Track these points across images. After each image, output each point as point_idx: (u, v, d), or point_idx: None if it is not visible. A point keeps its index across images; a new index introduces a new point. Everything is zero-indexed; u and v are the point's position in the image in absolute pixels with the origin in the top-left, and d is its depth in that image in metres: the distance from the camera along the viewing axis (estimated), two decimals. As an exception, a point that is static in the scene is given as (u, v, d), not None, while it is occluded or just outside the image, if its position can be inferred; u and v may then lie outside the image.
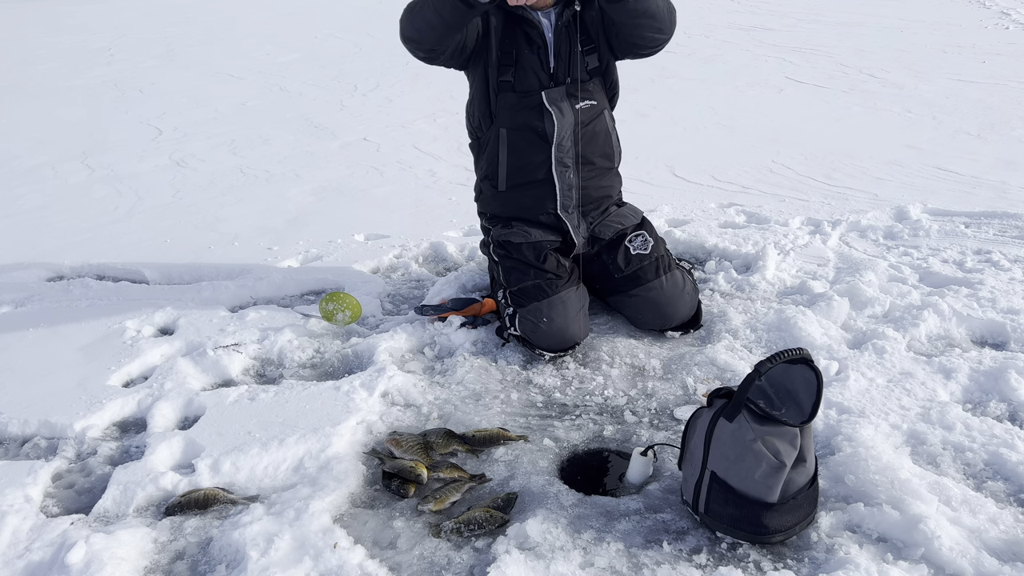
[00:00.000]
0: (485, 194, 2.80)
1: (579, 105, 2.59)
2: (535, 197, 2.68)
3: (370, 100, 6.62)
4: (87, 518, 1.89)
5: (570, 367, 2.50)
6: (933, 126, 5.26)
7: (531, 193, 2.68)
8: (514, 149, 2.62)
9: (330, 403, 2.29)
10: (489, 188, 2.75)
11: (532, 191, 2.67)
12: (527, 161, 2.63)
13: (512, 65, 2.54)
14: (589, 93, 2.61)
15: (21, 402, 2.36)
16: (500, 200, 2.73)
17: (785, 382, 1.73)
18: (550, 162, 2.61)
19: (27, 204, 4.34)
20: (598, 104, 2.65)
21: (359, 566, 1.69)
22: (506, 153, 2.64)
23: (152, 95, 7.12)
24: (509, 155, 2.63)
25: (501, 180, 2.67)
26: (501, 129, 2.62)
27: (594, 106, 2.64)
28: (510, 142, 2.61)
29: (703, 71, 7.01)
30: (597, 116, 2.66)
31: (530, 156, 2.61)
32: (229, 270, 3.32)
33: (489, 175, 2.72)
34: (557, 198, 2.67)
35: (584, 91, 2.59)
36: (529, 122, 2.59)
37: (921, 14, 9.90)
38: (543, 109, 2.56)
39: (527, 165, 2.64)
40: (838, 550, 1.70)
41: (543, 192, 2.66)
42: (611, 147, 2.75)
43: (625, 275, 2.66)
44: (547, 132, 2.58)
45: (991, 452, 1.99)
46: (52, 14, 13.20)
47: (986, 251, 3.21)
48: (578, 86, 2.57)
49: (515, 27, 2.53)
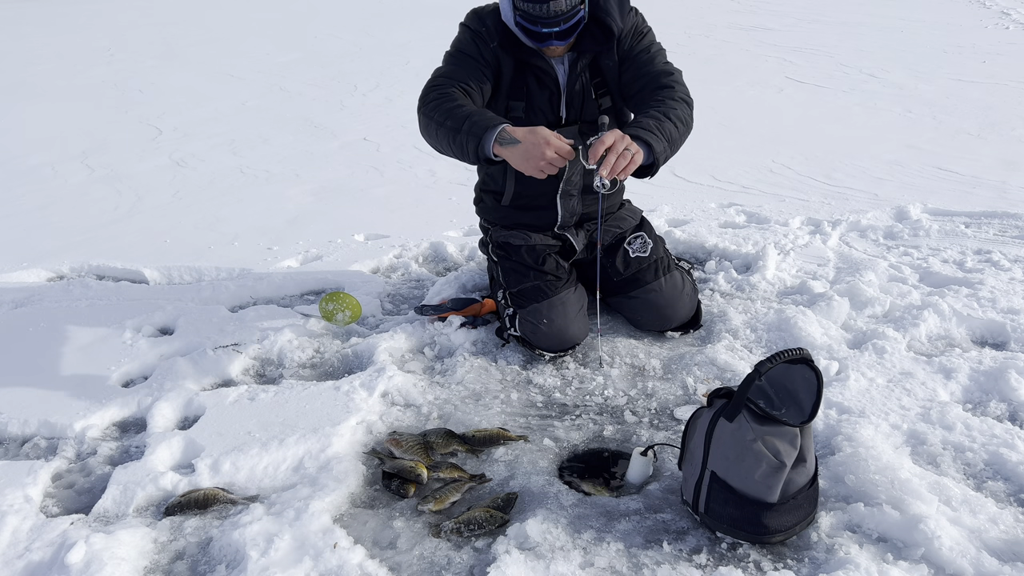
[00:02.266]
0: (486, 204, 2.79)
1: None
2: (537, 216, 2.68)
3: (370, 100, 6.62)
4: (87, 518, 1.89)
5: (570, 367, 2.50)
6: (933, 126, 5.26)
7: (533, 213, 2.67)
8: (521, 179, 2.58)
9: (330, 403, 2.28)
10: (491, 200, 2.74)
11: (535, 212, 2.67)
12: (533, 190, 2.59)
13: (523, 100, 2.49)
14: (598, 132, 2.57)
15: (21, 402, 2.36)
16: (501, 212, 2.73)
17: (785, 382, 1.73)
18: (556, 192, 2.60)
19: (27, 204, 4.35)
20: None
21: (359, 566, 1.69)
22: (513, 182, 2.61)
23: (152, 95, 7.13)
24: (516, 184, 2.61)
25: (506, 197, 2.66)
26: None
27: None
28: (518, 174, 2.54)
29: (703, 71, 7.01)
30: None
31: (537, 187, 2.53)
32: (229, 270, 3.32)
33: (493, 191, 2.71)
34: (558, 220, 2.67)
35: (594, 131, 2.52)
36: None
37: (921, 14, 9.91)
38: None
39: (532, 193, 2.61)
40: (838, 550, 1.70)
41: (545, 214, 2.66)
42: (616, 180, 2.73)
43: (624, 277, 2.66)
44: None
45: (991, 452, 1.99)
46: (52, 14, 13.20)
47: (986, 251, 3.21)
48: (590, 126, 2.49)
49: (527, 70, 2.47)
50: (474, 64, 2.42)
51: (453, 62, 2.45)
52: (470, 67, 2.41)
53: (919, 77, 6.65)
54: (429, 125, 2.31)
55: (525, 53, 2.44)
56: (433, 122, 2.28)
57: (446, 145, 2.28)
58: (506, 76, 2.46)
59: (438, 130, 2.27)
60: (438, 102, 2.29)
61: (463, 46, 2.45)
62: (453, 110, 2.24)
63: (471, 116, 2.21)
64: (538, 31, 2.31)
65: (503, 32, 2.42)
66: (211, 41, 9.99)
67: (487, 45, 2.42)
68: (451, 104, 2.27)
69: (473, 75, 2.40)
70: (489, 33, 2.42)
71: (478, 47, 2.43)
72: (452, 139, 2.24)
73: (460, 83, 2.37)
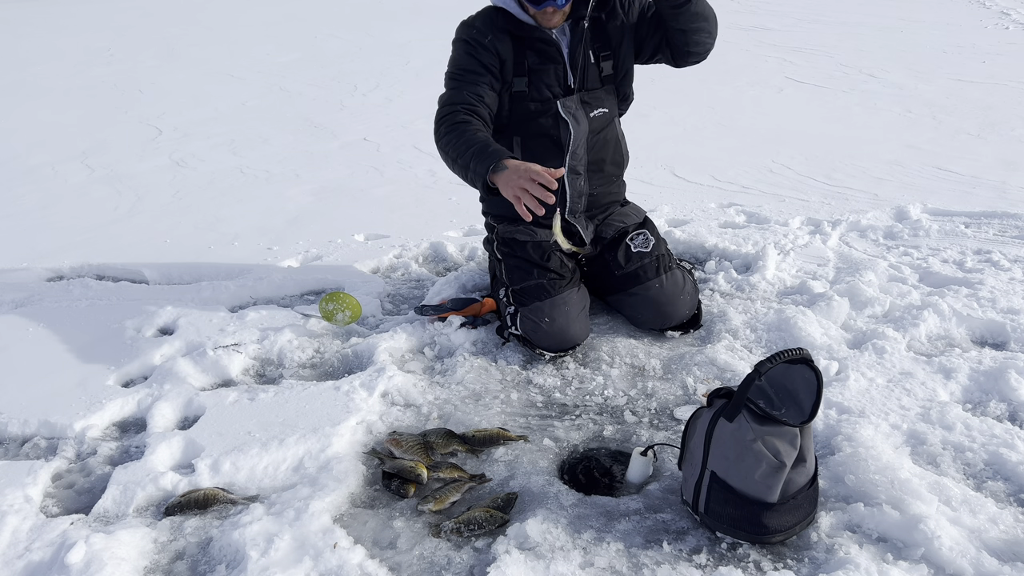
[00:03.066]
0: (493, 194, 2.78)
1: (593, 113, 2.59)
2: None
3: (370, 100, 6.62)
4: (87, 518, 1.89)
5: (570, 367, 2.50)
6: (933, 126, 5.26)
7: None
8: (528, 157, 2.60)
9: (330, 403, 2.28)
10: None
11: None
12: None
13: (526, 75, 2.52)
14: (601, 101, 2.61)
15: (21, 402, 2.36)
16: (508, 204, 2.72)
17: (785, 382, 1.73)
18: (564, 165, 2.60)
19: (27, 204, 4.35)
20: (609, 112, 2.65)
21: (359, 566, 1.69)
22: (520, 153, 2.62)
23: (152, 95, 7.13)
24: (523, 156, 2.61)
25: None
26: (515, 137, 2.61)
27: (606, 113, 2.64)
28: (524, 150, 2.60)
29: (703, 71, 6.99)
30: (608, 124, 2.66)
31: (544, 163, 2.57)
32: (229, 270, 3.31)
33: None
34: (567, 204, 2.67)
35: (596, 99, 2.59)
36: (544, 131, 2.59)
37: (921, 14, 9.91)
38: (558, 118, 2.55)
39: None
40: (838, 550, 1.70)
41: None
42: (620, 155, 2.78)
43: (625, 272, 2.66)
44: (562, 140, 2.58)
45: (991, 452, 1.99)
46: (52, 14, 13.20)
47: (986, 251, 3.21)
48: (591, 94, 2.56)
49: (527, 47, 2.51)
50: (473, 77, 2.46)
51: (453, 84, 2.50)
52: (470, 82, 2.46)
53: (919, 77, 6.65)
54: (445, 159, 2.42)
55: (524, 30, 2.48)
56: (449, 158, 2.39)
57: (462, 178, 2.39)
58: (508, 60, 2.50)
59: (452, 166, 2.39)
60: (448, 137, 2.38)
61: (460, 62, 2.50)
62: (461, 148, 2.32)
63: (476, 155, 2.27)
64: None
65: (493, 22, 2.47)
66: (211, 41, 9.99)
67: (482, 45, 2.46)
68: (459, 141, 2.34)
69: (475, 90, 2.45)
70: (480, 32, 2.47)
71: (473, 56, 2.47)
72: (465, 176, 2.35)
73: (464, 105, 2.43)
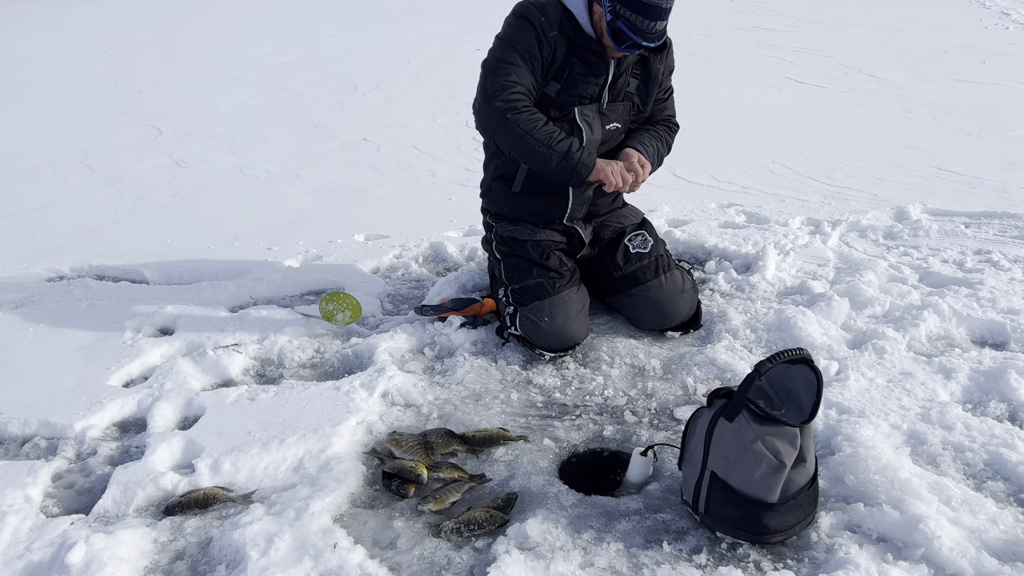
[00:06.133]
0: (495, 192, 2.78)
1: (608, 126, 2.58)
2: (547, 205, 2.68)
3: (370, 100, 6.62)
4: (87, 518, 1.89)
5: (570, 367, 2.50)
6: (933, 126, 5.26)
7: (544, 201, 2.68)
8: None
9: (330, 403, 2.28)
10: (501, 188, 2.74)
11: (545, 199, 2.67)
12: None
13: (562, 81, 2.50)
14: (618, 115, 2.60)
15: (21, 402, 2.36)
16: (510, 201, 2.73)
17: (785, 382, 1.73)
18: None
19: (27, 204, 4.34)
20: (621, 127, 2.64)
21: (359, 566, 1.69)
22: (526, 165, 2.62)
23: (152, 95, 7.13)
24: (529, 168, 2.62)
25: (517, 182, 2.66)
26: None
27: (618, 128, 2.63)
28: None
29: (703, 71, 7.01)
30: (616, 138, 2.65)
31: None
32: (229, 270, 3.31)
33: (504, 176, 2.70)
34: (568, 210, 2.67)
35: (614, 111, 2.58)
36: None
37: (921, 14, 9.91)
38: (574, 124, 2.53)
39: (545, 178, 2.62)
40: (838, 550, 1.70)
41: (556, 202, 2.67)
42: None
43: (624, 274, 2.66)
44: None
45: (991, 452, 1.99)
46: (52, 14, 13.20)
47: (986, 251, 3.21)
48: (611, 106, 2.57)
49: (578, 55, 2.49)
50: (531, 63, 2.44)
51: (514, 59, 2.44)
52: (527, 67, 2.43)
53: (919, 77, 6.66)
54: (514, 135, 2.40)
55: (582, 39, 2.46)
56: (529, 137, 2.40)
57: (537, 156, 2.41)
58: (557, 63, 2.48)
59: (530, 144, 2.40)
60: (524, 115, 2.40)
61: (523, 40, 2.44)
62: (546, 133, 2.40)
63: (567, 149, 2.39)
64: (638, 42, 2.35)
65: (559, 20, 2.44)
66: (211, 41, 9.99)
67: (546, 37, 2.42)
68: (544, 126, 2.40)
69: (530, 77, 2.45)
70: (548, 24, 2.43)
71: (536, 42, 2.42)
72: (548, 158, 2.41)
73: (524, 86, 2.43)
